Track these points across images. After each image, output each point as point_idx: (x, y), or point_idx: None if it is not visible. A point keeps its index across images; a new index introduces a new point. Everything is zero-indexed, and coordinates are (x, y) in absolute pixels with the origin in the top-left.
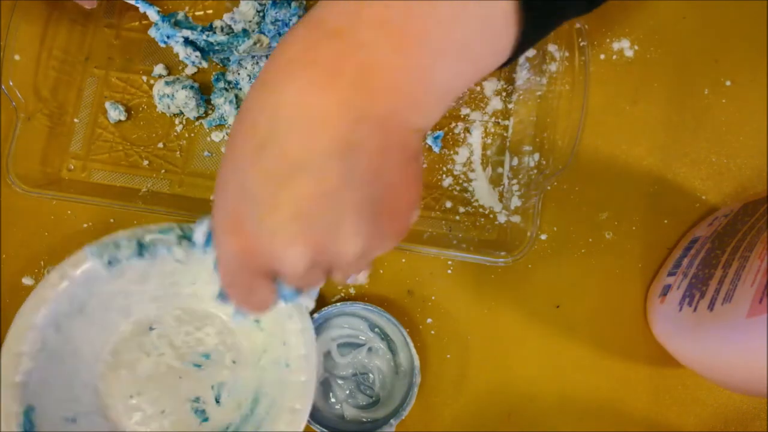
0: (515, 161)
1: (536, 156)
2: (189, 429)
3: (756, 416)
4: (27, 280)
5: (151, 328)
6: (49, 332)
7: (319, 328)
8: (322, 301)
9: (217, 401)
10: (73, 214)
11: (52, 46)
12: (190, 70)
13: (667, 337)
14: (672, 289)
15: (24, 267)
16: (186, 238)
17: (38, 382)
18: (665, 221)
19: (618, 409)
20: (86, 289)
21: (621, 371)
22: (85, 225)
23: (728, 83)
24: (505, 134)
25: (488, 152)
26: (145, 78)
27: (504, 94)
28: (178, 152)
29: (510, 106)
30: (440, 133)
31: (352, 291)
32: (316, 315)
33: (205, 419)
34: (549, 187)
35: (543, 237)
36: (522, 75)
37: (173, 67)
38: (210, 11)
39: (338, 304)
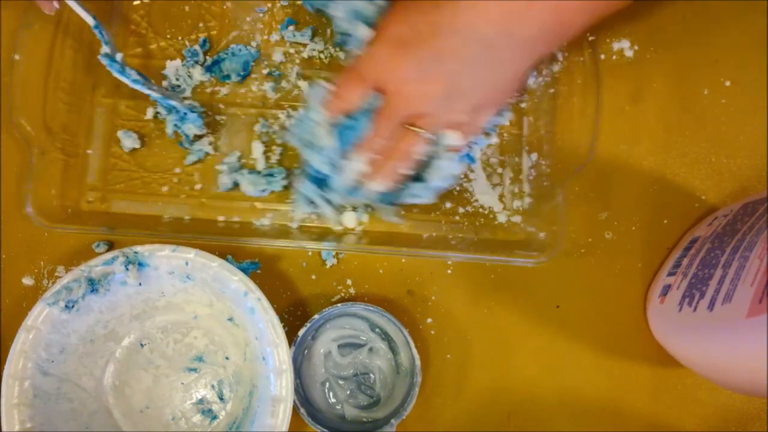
0: (515, 161)
1: (534, 156)
2: (201, 430)
3: (756, 416)
4: (27, 280)
5: (141, 344)
6: (37, 379)
7: (319, 329)
8: (322, 302)
9: (221, 398)
10: None
11: (59, 77)
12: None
13: (666, 337)
14: (672, 289)
15: (24, 267)
16: (132, 262)
17: (43, 423)
18: (665, 221)
19: (618, 409)
20: (58, 333)
21: (621, 371)
22: None
23: (728, 83)
24: (504, 135)
25: (488, 152)
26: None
27: None
28: (195, 175)
29: (508, 106)
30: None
31: (352, 291)
32: (316, 315)
33: (214, 417)
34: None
35: (542, 236)
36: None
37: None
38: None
39: (339, 304)
